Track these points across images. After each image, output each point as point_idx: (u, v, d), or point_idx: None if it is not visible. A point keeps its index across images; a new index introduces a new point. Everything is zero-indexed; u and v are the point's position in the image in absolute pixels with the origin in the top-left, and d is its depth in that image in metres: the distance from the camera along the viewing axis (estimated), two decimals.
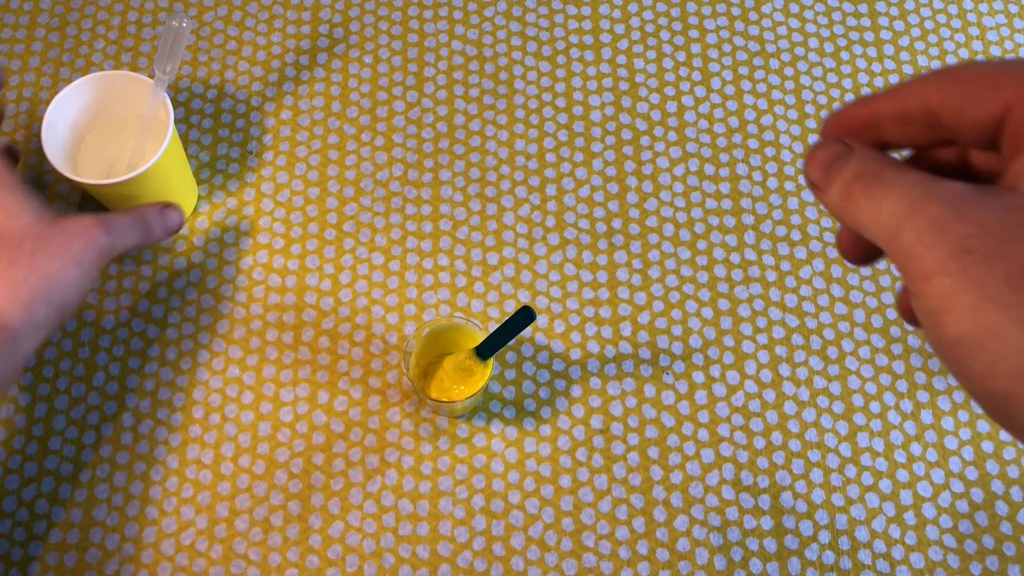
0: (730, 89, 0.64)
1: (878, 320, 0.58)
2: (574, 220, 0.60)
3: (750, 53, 0.65)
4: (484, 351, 0.48)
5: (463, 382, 0.51)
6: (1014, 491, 0.54)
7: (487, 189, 0.61)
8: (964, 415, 0.56)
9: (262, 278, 0.58)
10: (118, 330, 0.57)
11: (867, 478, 0.54)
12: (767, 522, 0.53)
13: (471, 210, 0.60)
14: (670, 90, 0.64)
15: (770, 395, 0.56)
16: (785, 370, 0.56)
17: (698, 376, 0.56)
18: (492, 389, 0.56)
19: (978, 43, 0.66)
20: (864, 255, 0.25)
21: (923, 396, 0.56)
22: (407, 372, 0.50)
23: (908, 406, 0.56)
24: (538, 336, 0.57)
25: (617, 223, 0.60)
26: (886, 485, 0.54)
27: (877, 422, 0.55)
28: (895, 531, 0.53)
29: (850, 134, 0.25)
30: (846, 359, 0.57)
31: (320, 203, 0.60)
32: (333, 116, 0.63)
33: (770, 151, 0.62)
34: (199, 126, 0.63)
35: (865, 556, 0.52)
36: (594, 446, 0.54)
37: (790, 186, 0.61)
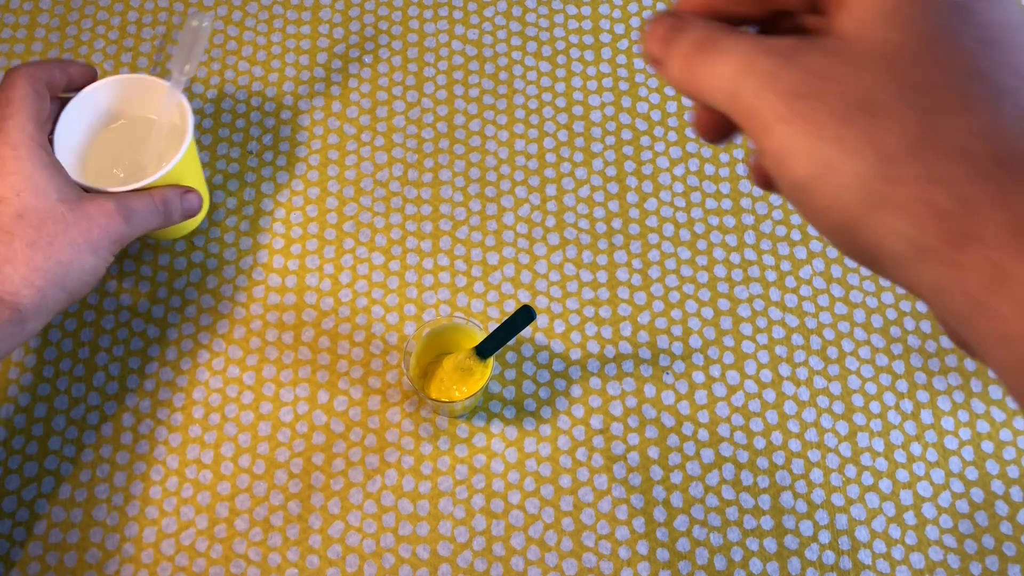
0: None
1: (878, 320, 0.58)
2: (574, 220, 0.60)
3: None
4: (484, 350, 0.48)
5: (463, 382, 0.51)
6: (1014, 491, 0.54)
7: (487, 189, 0.61)
8: (964, 415, 0.56)
9: (262, 278, 0.58)
10: (118, 330, 0.57)
11: (867, 478, 0.54)
12: (767, 522, 0.53)
13: (471, 210, 0.60)
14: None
15: (770, 395, 0.56)
16: (785, 370, 0.56)
17: (698, 376, 0.56)
18: (492, 389, 0.56)
19: None
20: (719, 130, 0.26)
21: (923, 396, 0.56)
22: (407, 372, 0.50)
23: (908, 406, 0.56)
24: (538, 336, 0.57)
25: (617, 223, 0.60)
26: (886, 485, 0.54)
27: (877, 422, 0.55)
28: (895, 531, 0.53)
29: (710, 6, 0.25)
30: (846, 359, 0.57)
31: (320, 203, 0.60)
32: (333, 116, 0.63)
33: None
34: (199, 126, 0.63)
35: (865, 556, 0.52)
36: (594, 446, 0.54)
37: None
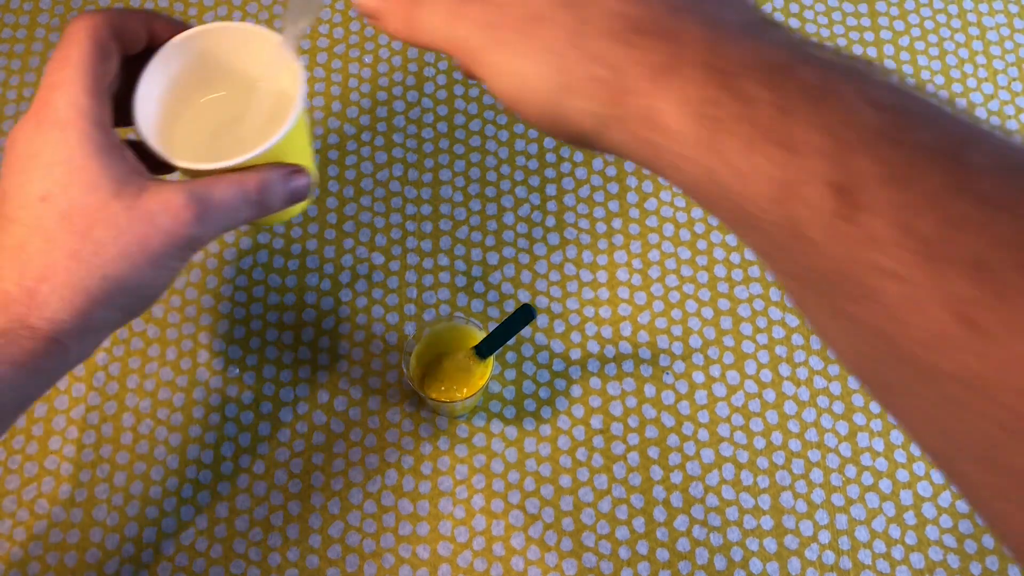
0: None
1: None
2: (574, 220, 0.60)
3: None
4: (484, 350, 0.49)
5: (463, 382, 0.51)
6: None
7: (487, 189, 0.61)
8: None
9: (262, 278, 0.58)
10: (118, 330, 0.57)
11: (867, 478, 0.54)
12: (767, 522, 0.53)
13: (471, 210, 0.60)
14: None
15: (770, 395, 0.56)
16: (785, 370, 0.56)
17: (698, 376, 0.56)
18: (492, 389, 0.56)
19: (978, 43, 0.66)
20: None
21: None
22: (407, 372, 0.50)
23: None
24: (538, 336, 0.57)
25: (617, 223, 0.60)
26: (886, 485, 0.54)
27: (877, 422, 0.55)
28: (895, 531, 0.53)
29: None
30: None
31: (320, 203, 0.60)
32: (333, 116, 0.63)
33: None
34: None
35: (865, 556, 0.52)
36: (594, 446, 0.54)
37: None
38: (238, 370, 0.56)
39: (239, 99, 0.42)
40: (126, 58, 0.36)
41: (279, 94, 0.40)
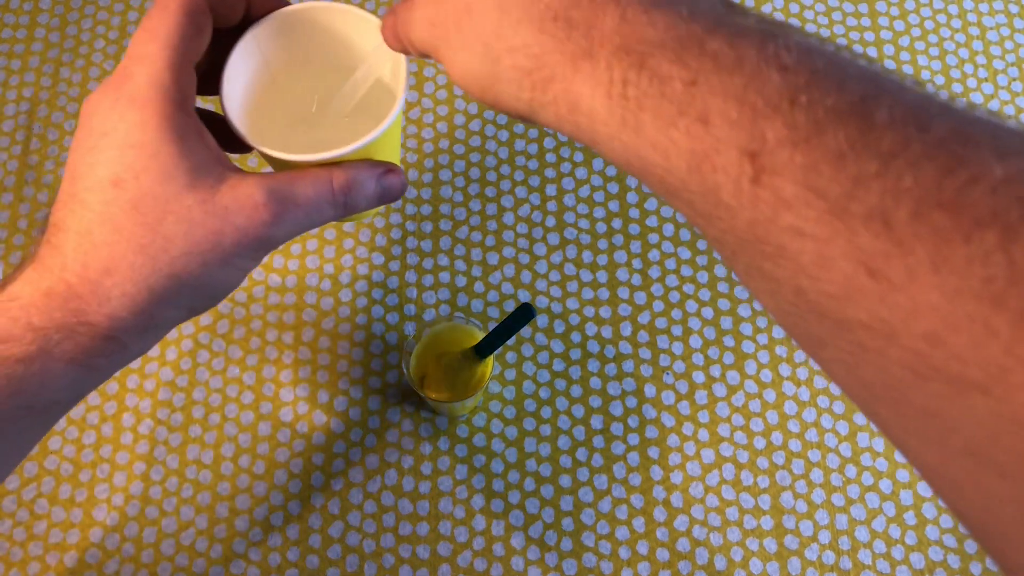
0: None
1: None
2: (574, 220, 0.60)
3: None
4: (483, 349, 0.48)
5: (463, 382, 0.51)
6: None
7: (487, 189, 0.61)
8: None
9: (262, 278, 0.58)
10: None
11: (867, 478, 0.54)
12: (767, 522, 0.53)
13: (471, 210, 0.60)
14: None
15: (770, 395, 0.56)
16: (785, 370, 0.56)
17: (698, 376, 0.56)
18: (492, 389, 0.56)
19: (978, 43, 0.66)
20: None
21: None
22: (407, 372, 0.50)
23: None
24: (538, 336, 0.57)
25: (617, 223, 0.60)
26: (886, 485, 0.54)
27: None
28: (895, 531, 0.53)
29: None
30: None
31: None
32: None
33: None
34: None
35: (865, 556, 0.52)
36: (594, 446, 0.54)
37: None
38: (238, 370, 0.56)
39: (332, 83, 0.38)
40: (219, 29, 0.34)
41: (377, 83, 0.37)
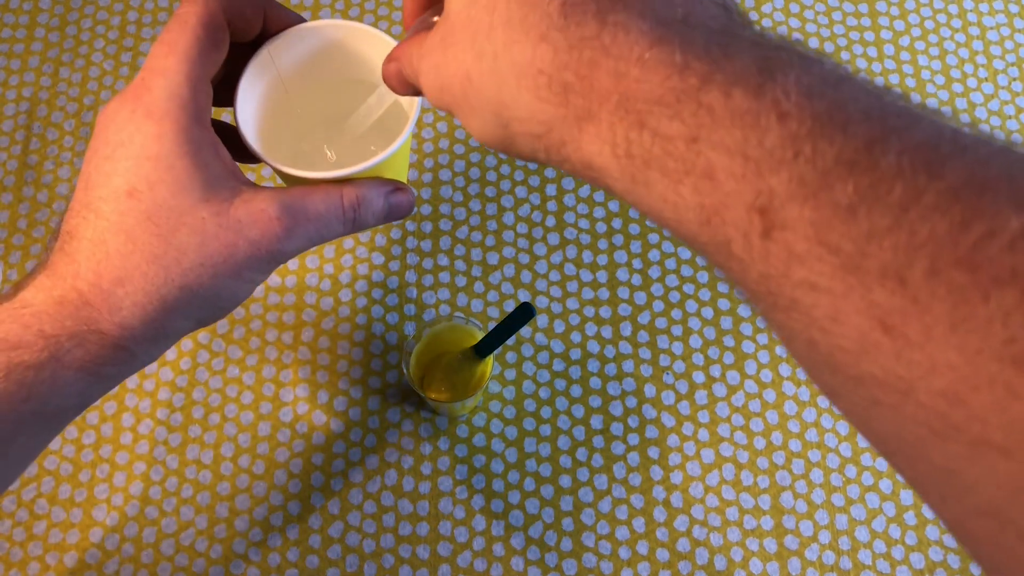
0: None
1: None
2: (574, 220, 0.60)
3: None
4: (483, 348, 0.48)
5: (463, 382, 0.51)
6: None
7: (487, 189, 0.61)
8: None
9: None
10: None
11: (867, 478, 0.54)
12: (767, 522, 0.53)
13: (471, 210, 0.60)
14: None
15: (770, 395, 0.56)
16: (785, 370, 0.56)
17: (698, 376, 0.56)
18: (492, 389, 0.56)
19: (978, 43, 0.66)
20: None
21: None
22: (407, 372, 0.50)
23: None
24: (538, 336, 0.57)
25: (617, 223, 0.60)
26: (886, 485, 0.54)
27: None
28: (895, 531, 0.53)
29: (421, 9, 0.31)
30: None
31: None
32: None
33: None
34: None
35: (865, 556, 0.52)
36: (594, 446, 0.54)
37: None
38: (238, 370, 0.56)
39: (344, 100, 0.40)
40: (235, 43, 0.34)
41: (393, 104, 0.38)
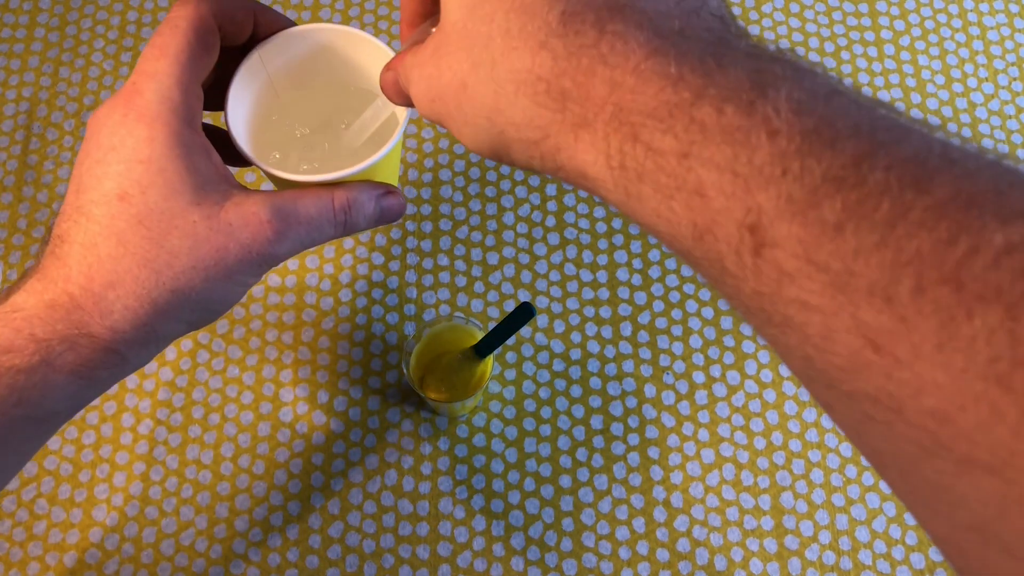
0: None
1: None
2: (574, 220, 0.60)
3: None
4: (483, 348, 0.48)
5: (463, 382, 0.51)
6: None
7: (487, 189, 0.61)
8: None
9: (261, 278, 0.58)
10: None
11: (867, 478, 0.54)
12: (767, 522, 0.53)
13: (471, 210, 0.60)
14: None
15: (770, 395, 0.56)
16: (785, 370, 0.56)
17: (698, 376, 0.56)
18: (492, 389, 0.56)
19: (978, 43, 0.66)
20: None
21: None
22: (407, 372, 0.50)
23: None
24: (538, 336, 0.57)
25: (617, 223, 0.60)
26: (886, 485, 0.54)
27: None
28: (895, 531, 0.53)
29: (419, 20, 0.31)
30: None
31: None
32: None
33: None
34: None
35: (866, 556, 0.52)
36: (594, 446, 0.54)
37: None
38: (237, 370, 0.56)
39: (334, 102, 0.40)
40: (226, 47, 0.35)
41: (376, 106, 0.38)
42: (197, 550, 0.52)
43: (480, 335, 0.50)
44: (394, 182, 0.39)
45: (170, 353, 0.56)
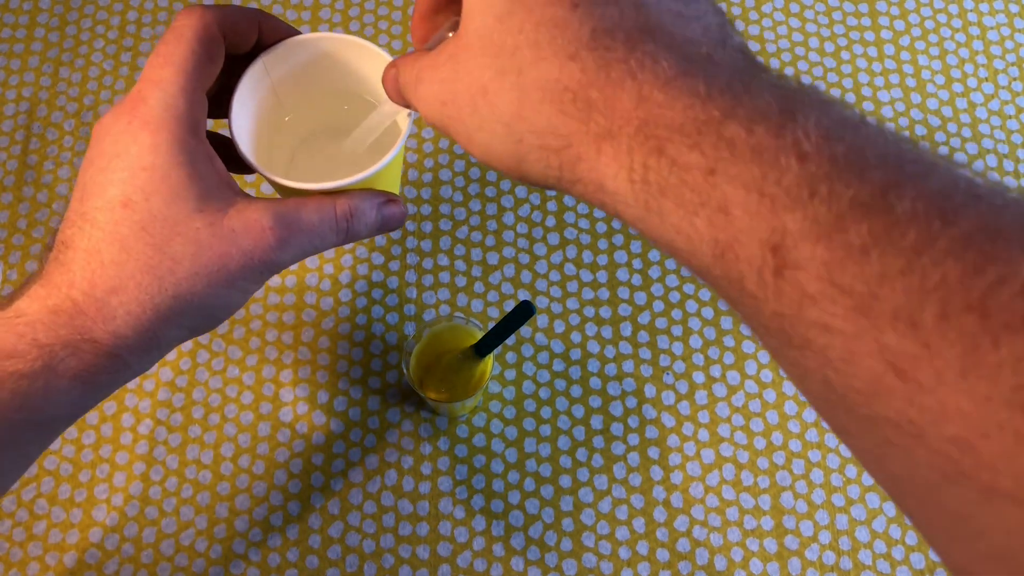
0: None
1: None
2: (574, 220, 0.60)
3: None
4: (483, 347, 0.48)
5: (463, 382, 0.51)
6: None
7: (487, 189, 0.61)
8: None
9: None
10: None
11: (867, 478, 0.54)
12: (767, 522, 0.53)
13: (471, 210, 0.60)
14: None
15: (770, 395, 0.56)
16: None
17: (698, 376, 0.56)
18: (492, 389, 0.56)
19: (978, 43, 0.66)
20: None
21: None
22: (407, 372, 0.50)
23: None
24: (538, 336, 0.57)
25: (617, 223, 0.60)
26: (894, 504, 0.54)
27: None
28: (895, 531, 0.53)
29: (429, 29, 0.31)
30: None
31: None
32: None
33: None
34: None
35: (866, 556, 0.52)
36: (594, 446, 0.54)
37: None
38: (237, 370, 0.56)
39: (337, 112, 0.40)
40: (230, 55, 0.35)
41: (378, 113, 0.38)
42: (197, 550, 0.52)
43: (480, 335, 0.50)
44: (396, 190, 0.39)
45: (170, 353, 0.56)
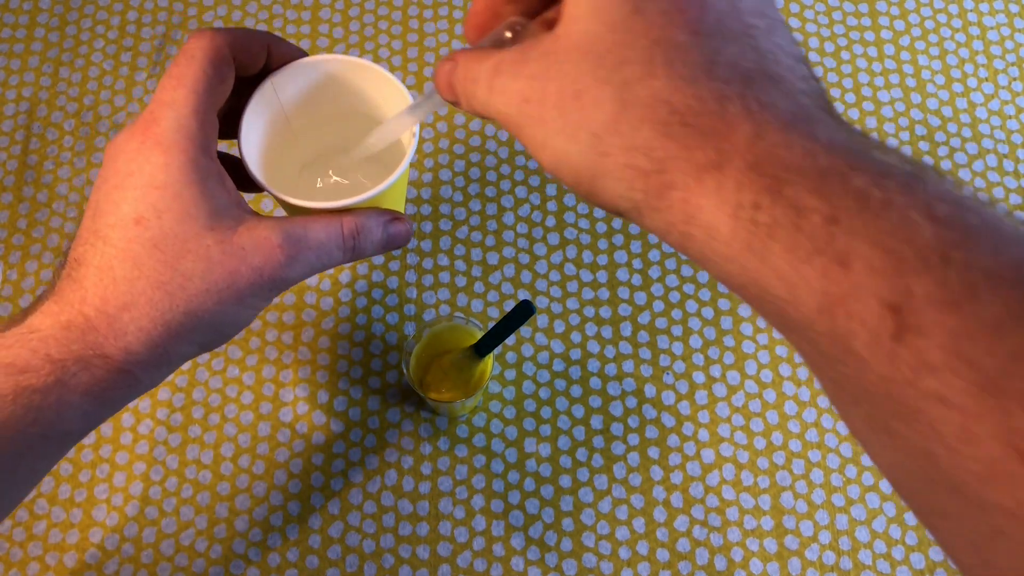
0: None
1: None
2: (574, 220, 0.60)
3: None
4: (483, 347, 0.48)
5: (463, 382, 0.51)
6: None
7: (487, 189, 0.61)
8: None
9: None
10: None
11: (867, 478, 0.54)
12: (767, 522, 0.53)
13: (471, 210, 0.60)
14: None
15: (770, 395, 0.56)
16: (786, 370, 0.56)
17: (698, 376, 0.56)
18: (492, 389, 0.56)
19: (978, 43, 0.66)
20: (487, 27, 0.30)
21: None
22: (407, 372, 0.50)
23: None
24: (538, 336, 0.57)
25: (617, 223, 0.60)
26: (887, 485, 0.54)
27: None
28: (896, 531, 0.53)
29: (485, 27, 0.29)
30: None
31: None
32: None
33: None
34: None
35: (866, 556, 0.52)
36: (594, 446, 0.54)
37: None
38: (237, 371, 0.56)
39: (345, 131, 0.41)
40: (240, 76, 0.36)
41: (380, 130, 0.39)
42: (197, 550, 0.52)
43: (480, 335, 0.50)
44: (401, 208, 0.40)
45: None
